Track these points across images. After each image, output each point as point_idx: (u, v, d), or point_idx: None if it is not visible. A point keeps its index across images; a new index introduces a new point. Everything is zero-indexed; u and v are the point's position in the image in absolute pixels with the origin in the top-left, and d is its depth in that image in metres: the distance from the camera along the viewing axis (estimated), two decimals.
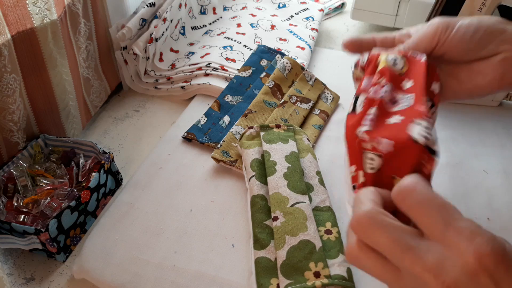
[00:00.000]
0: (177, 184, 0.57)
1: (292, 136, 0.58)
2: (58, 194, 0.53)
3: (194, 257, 0.49)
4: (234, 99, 0.68)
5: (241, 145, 0.58)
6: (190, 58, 0.76)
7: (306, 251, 0.45)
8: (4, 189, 0.54)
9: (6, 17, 0.50)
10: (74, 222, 0.52)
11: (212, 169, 0.59)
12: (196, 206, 0.55)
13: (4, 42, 0.50)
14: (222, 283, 0.47)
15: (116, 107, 0.74)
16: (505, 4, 0.61)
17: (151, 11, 0.73)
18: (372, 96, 0.38)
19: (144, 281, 0.47)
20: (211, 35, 0.83)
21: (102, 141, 0.68)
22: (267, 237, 0.48)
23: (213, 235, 0.51)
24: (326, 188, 0.54)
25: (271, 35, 0.83)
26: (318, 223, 0.49)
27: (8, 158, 0.57)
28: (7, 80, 0.52)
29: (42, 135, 0.59)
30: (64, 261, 0.52)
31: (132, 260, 0.49)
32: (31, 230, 0.47)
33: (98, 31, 0.66)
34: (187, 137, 0.63)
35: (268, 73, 0.71)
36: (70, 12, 0.59)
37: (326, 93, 0.71)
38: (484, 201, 0.55)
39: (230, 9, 0.92)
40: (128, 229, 0.52)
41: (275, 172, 0.52)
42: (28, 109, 0.58)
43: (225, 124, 0.65)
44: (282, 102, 0.66)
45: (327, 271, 0.44)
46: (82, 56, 0.65)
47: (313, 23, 0.87)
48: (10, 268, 0.51)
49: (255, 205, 0.51)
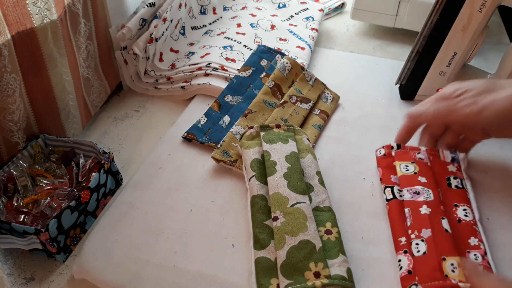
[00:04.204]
0: (177, 184, 0.57)
1: (292, 136, 0.58)
2: (58, 194, 0.53)
3: (194, 257, 0.49)
4: (234, 99, 0.68)
5: (241, 145, 0.58)
6: (190, 58, 0.76)
7: (306, 251, 0.45)
8: (4, 189, 0.54)
9: (6, 17, 0.50)
10: (74, 222, 0.52)
11: (212, 169, 0.59)
12: (196, 206, 0.55)
13: (4, 42, 0.50)
14: (222, 283, 0.47)
15: (116, 107, 0.74)
16: (505, 4, 0.61)
17: (151, 11, 0.73)
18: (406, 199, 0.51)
19: (144, 281, 0.47)
20: (211, 35, 0.83)
21: (102, 141, 0.68)
22: (267, 237, 0.48)
23: (213, 235, 0.51)
24: (326, 188, 0.54)
25: (271, 35, 0.83)
26: (318, 223, 0.49)
27: (8, 158, 0.57)
28: (7, 80, 0.52)
29: (42, 135, 0.59)
30: (64, 261, 0.52)
31: (132, 260, 0.49)
32: (31, 230, 0.47)
33: (98, 31, 0.66)
34: (187, 137, 0.63)
35: (268, 73, 0.71)
36: (70, 12, 0.59)
37: (326, 93, 0.71)
38: (483, 201, 0.55)
39: (230, 9, 0.92)
40: (128, 229, 0.52)
41: (275, 172, 0.52)
42: (28, 109, 0.58)
43: (225, 124, 0.65)
44: (282, 102, 0.66)
45: (327, 271, 0.44)
46: (82, 56, 0.65)
47: (313, 23, 0.87)
48: (10, 268, 0.51)
49: (255, 205, 0.51)
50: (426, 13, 0.66)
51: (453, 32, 0.64)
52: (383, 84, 0.75)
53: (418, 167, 0.54)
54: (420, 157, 0.56)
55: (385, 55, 0.85)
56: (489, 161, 0.61)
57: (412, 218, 0.49)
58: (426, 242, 0.46)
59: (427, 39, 0.66)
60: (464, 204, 0.51)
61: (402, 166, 0.55)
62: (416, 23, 0.84)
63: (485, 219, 0.53)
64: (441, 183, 0.54)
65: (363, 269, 0.48)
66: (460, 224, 0.49)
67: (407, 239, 0.48)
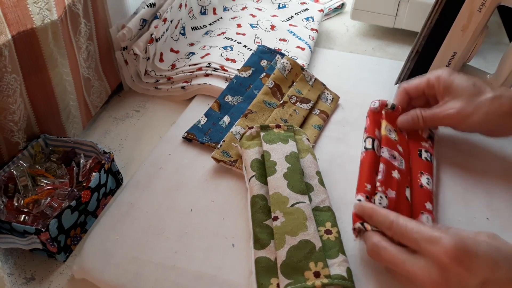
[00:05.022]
0: (177, 184, 0.57)
1: (292, 136, 0.58)
2: (59, 194, 0.54)
3: (194, 257, 0.49)
4: (234, 100, 0.68)
5: (241, 145, 0.58)
6: (190, 59, 0.76)
7: (306, 251, 0.45)
8: (5, 189, 0.54)
9: (7, 17, 0.50)
10: (74, 222, 0.52)
11: (212, 169, 0.60)
12: (196, 206, 0.55)
13: (5, 42, 0.50)
14: (222, 283, 0.47)
15: (117, 107, 0.74)
16: (505, 4, 0.61)
17: (152, 12, 0.74)
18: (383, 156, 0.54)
19: (144, 281, 0.47)
20: (211, 35, 0.83)
21: (102, 141, 0.68)
22: (267, 237, 0.48)
23: (213, 235, 0.52)
24: (326, 188, 0.54)
25: (271, 36, 0.83)
26: (318, 223, 0.49)
27: (9, 158, 0.57)
28: (7, 80, 0.52)
29: (43, 135, 0.60)
30: (64, 261, 0.52)
31: (133, 260, 0.49)
32: (31, 230, 0.48)
33: (98, 32, 0.67)
34: (187, 137, 0.63)
35: (268, 74, 0.71)
36: (70, 12, 0.59)
37: (325, 94, 0.71)
38: (483, 201, 0.56)
39: (230, 9, 0.92)
40: (129, 229, 0.52)
41: (275, 172, 0.52)
42: (28, 109, 0.58)
43: (225, 124, 0.65)
44: (282, 102, 0.66)
45: (327, 271, 0.44)
46: (83, 56, 0.65)
47: (313, 24, 0.87)
48: (10, 268, 0.51)
49: (255, 205, 0.51)
50: (426, 13, 0.66)
51: (452, 32, 0.64)
52: (383, 84, 0.75)
53: (398, 137, 0.58)
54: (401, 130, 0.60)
55: (384, 56, 0.86)
56: (489, 160, 0.61)
57: (384, 175, 0.51)
58: (389, 200, 0.49)
59: (427, 39, 0.66)
60: (428, 174, 0.55)
61: (387, 128, 0.58)
62: (416, 23, 0.84)
63: (485, 219, 0.53)
64: (413, 152, 0.58)
65: (363, 269, 0.48)
66: (422, 188, 0.53)
67: (372, 187, 0.51)
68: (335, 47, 0.88)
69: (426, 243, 0.40)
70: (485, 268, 0.38)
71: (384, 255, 0.43)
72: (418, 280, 0.40)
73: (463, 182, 0.58)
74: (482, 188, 0.57)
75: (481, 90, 0.54)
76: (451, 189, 0.57)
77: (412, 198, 0.52)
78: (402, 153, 0.56)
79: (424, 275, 0.39)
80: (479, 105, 0.53)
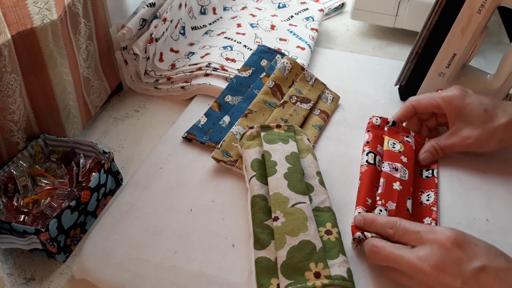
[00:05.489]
0: (177, 184, 0.57)
1: (292, 136, 0.58)
2: (58, 194, 0.53)
3: (194, 257, 0.49)
4: (234, 99, 0.68)
5: (241, 145, 0.58)
6: (190, 58, 0.76)
7: (307, 251, 0.45)
8: (4, 189, 0.54)
9: (6, 17, 0.50)
10: (74, 222, 0.52)
11: (212, 169, 0.59)
12: (196, 206, 0.55)
13: (4, 42, 0.50)
14: (222, 283, 0.47)
15: (116, 107, 0.74)
16: (505, 5, 0.61)
17: (151, 11, 0.74)
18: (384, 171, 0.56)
19: (144, 281, 0.47)
20: (211, 35, 0.83)
21: (102, 141, 0.68)
22: (268, 237, 0.48)
23: (213, 235, 0.51)
24: (326, 188, 0.54)
25: (271, 35, 0.83)
26: (319, 224, 0.49)
27: (8, 158, 0.57)
28: (7, 80, 0.52)
29: (42, 135, 0.59)
30: (64, 261, 0.52)
31: (132, 260, 0.49)
32: (31, 230, 0.48)
33: (98, 31, 0.67)
34: (187, 137, 0.63)
35: (268, 73, 0.71)
36: (70, 12, 0.59)
37: (326, 93, 0.71)
38: (483, 202, 0.56)
39: (230, 9, 0.92)
40: (128, 229, 0.52)
41: (276, 172, 0.52)
42: (28, 109, 0.58)
43: (225, 124, 0.65)
44: (282, 102, 0.66)
45: (327, 271, 0.44)
46: (82, 56, 0.65)
47: (313, 23, 0.87)
48: (10, 268, 0.51)
49: (255, 205, 0.51)
50: (426, 13, 0.66)
51: (452, 33, 0.64)
52: (383, 85, 0.75)
53: (403, 147, 0.59)
54: (407, 140, 0.61)
55: (385, 55, 0.86)
56: (489, 161, 0.61)
57: (384, 189, 0.53)
58: (389, 212, 0.51)
59: (427, 40, 0.66)
60: (429, 190, 0.56)
61: (390, 143, 0.60)
62: (416, 23, 0.84)
63: (484, 220, 0.53)
64: (417, 169, 0.60)
65: (363, 269, 0.48)
66: (421, 206, 0.54)
67: (372, 202, 0.53)
68: (335, 47, 0.88)
69: (428, 233, 0.43)
70: (483, 255, 0.41)
71: (383, 252, 0.45)
72: (417, 270, 0.41)
73: (462, 183, 0.58)
74: (482, 189, 0.57)
75: (493, 116, 0.57)
76: (450, 190, 0.57)
77: (412, 210, 0.53)
78: (406, 163, 0.57)
79: (424, 262, 0.41)
80: (493, 132, 0.56)
